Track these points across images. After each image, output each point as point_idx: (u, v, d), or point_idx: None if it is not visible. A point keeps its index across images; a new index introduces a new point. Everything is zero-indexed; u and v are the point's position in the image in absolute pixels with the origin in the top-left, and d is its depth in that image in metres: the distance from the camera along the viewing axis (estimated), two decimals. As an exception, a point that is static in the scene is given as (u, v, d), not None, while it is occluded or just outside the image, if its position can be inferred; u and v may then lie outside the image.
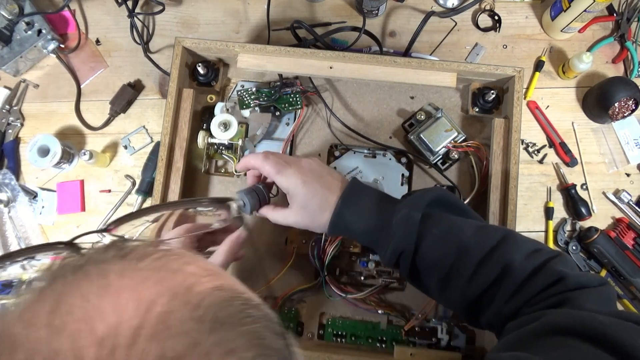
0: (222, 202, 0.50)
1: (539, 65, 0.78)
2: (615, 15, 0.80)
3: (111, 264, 0.25)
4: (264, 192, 0.60)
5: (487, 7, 0.81)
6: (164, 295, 0.23)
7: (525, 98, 0.78)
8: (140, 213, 0.42)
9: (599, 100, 0.74)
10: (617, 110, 0.73)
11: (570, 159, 0.76)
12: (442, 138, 0.70)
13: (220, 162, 0.74)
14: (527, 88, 0.78)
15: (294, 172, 0.56)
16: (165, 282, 0.24)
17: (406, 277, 0.56)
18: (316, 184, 0.56)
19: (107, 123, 0.79)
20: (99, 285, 0.23)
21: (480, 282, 0.50)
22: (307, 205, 0.56)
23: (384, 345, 0.68)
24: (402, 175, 0.72)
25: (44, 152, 0.74)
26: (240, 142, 0.70)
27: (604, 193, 0.76)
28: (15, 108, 0.80)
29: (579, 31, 0.79)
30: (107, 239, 0.38)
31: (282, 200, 0.59)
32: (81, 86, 0.81)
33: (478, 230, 0.53)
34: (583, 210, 0.73)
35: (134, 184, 0.77)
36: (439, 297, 0.56)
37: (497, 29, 0.80)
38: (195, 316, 0.23)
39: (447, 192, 0.58)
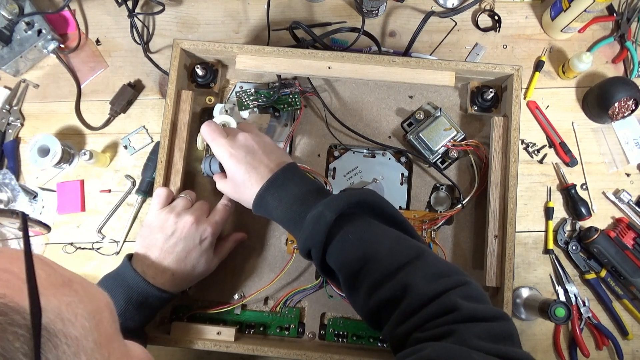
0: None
1: (538, 65, 0.78)
2: (615, 15, 0.80)
3: None
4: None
5: (487, 7, 0.81)
6: None
7: (525, 98, 0.78)
8: None
9: (599, 100, 0.74)
10: (617, 110, 0.73)
11: (570, 159, 0.76)
12: (441, 137, 0.70)
13: (219, 163, 0.74)
14: (527, 88, 0.78)
15: (225, 143, 0.59)
16: None
17: (319, 272, 0.58)
18: (243, 159, 0.59)
19: (107, 123, 0.79)
20: None
21: (380, 297, 0.50)
22: (233, 178, 0.60)
23: (385, 345, 0.68)
24: (402, 174, 0.72)
25: (44, 152, 0.74)
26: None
27: (604, 193, 0.76)
28: (15, 108, 0.80)
29: (579, 31, 0.79)
30: None
31: None
32: (81, 86, 0.81)
33: (395, 243, 0.53)
34: (583, 210, 0.73)
35: (134, 183, 0.78)
36: (348, 298, 0.56)
37: (497, 29, 0.80)
38: None
39: (377, 196, 0.57)
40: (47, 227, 0.59)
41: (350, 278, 0.53)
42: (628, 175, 0.76)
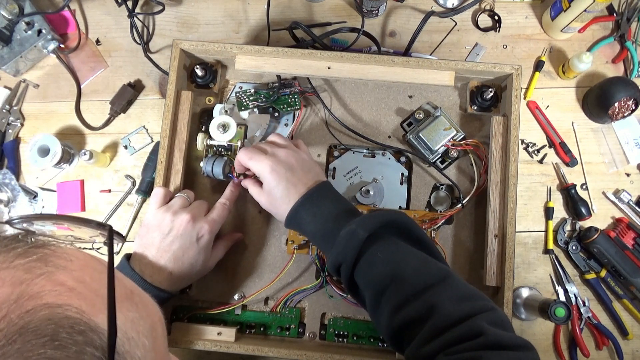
0: (102, 226, 0.54)
1: (538, 65, 0.78)
2: (615, 15, 0.80)
3: None
4: (225, 167, 0.68)
5: (487, 7, 0.81)
6: (8, 299, 0.23)
7: (525, 98, 0.78)
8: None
9: (599, 100, 0.74)
10: (617, 110, 0.73)
11: (570, 159, 0.76)
12: (441, 137, 0.70)
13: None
14: (527, 88, 0.78)
15: (265, 158, 0.60)
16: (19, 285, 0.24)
17: (345, 289, 0.58)
18: (284, 176, 0.60)
19: (107, 123, 0.79)
20: None
21: (405, 315, 0.51)
22: (271, 192, 0.60)
23: (385, 345, 0.68)
24: (402, 174, 0.72)
25: (44, 152, 0.74)
26: (239, 144, 0.70)
27: (603, 193, 0.76)
28: (15, 108, 0.80)
29: (579, 31, 0.79)
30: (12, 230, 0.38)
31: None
32: (81, 86, 0.81)
33: (422, 264, 0.54)
34: (583, 210, 0.73)
35: (134, 183, 0.78)
36: (371, 316, 0.57)
37: (497, 29, 0.80)
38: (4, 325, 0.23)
39: (406, 218, 0.58)
40: (123, 238, 0.60)
41: (376, 296, 0.54)
42: (628, 175, 0.76)
